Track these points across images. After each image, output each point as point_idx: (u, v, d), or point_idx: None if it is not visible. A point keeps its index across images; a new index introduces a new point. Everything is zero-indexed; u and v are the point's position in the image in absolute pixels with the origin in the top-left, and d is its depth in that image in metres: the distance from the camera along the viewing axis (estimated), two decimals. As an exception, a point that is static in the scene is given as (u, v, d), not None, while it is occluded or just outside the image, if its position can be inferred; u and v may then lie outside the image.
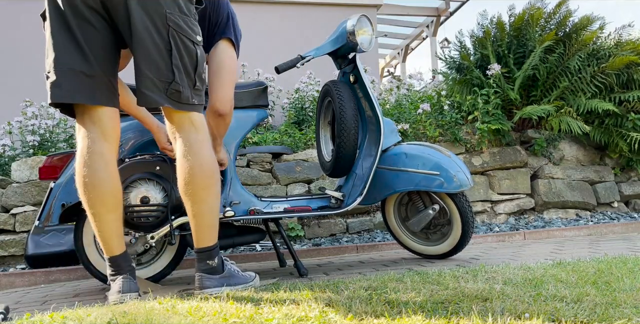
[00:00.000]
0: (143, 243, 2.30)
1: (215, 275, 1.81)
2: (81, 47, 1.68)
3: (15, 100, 4.56)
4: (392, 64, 12.31)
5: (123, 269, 1.79)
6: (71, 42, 1.68)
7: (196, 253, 1.83)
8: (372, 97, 2.54)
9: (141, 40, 1.66)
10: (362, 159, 2.56)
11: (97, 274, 2.34)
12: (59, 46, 1.67)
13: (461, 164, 2.53)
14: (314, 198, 2.58)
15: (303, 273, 2.36)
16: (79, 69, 1.67)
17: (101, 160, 1.72)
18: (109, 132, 1.75)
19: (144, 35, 1.66)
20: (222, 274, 1.83)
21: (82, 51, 1.68)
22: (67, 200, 2.26)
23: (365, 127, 2.61)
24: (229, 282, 1.83)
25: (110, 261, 1.79)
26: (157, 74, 1.67)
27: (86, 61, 1.68)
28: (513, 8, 4.49)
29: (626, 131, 4.19)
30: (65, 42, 1.67)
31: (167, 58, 1.68)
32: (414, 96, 5.15)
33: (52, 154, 2.43)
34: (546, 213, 4.25)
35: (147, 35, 1.66)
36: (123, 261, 1.80)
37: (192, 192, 1.74)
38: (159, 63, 1.67)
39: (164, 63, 1.68)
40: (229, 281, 1.83)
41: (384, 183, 2.53)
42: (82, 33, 1.68)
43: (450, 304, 1.37)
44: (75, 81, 1.67)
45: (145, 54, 1.66)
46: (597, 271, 1.80)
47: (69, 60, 1.67)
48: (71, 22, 1.67)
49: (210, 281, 1.80)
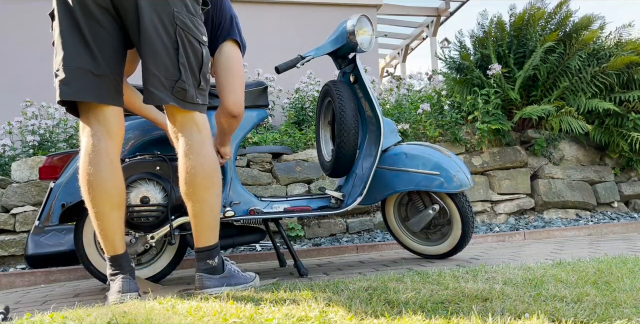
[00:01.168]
0: (143, 243, 2.30)
1: (216, 275, 1.81)
2: (90, 47, 1.69)
3: (15, 100, 4.56)
4: (392, 64, 12.31)
5: (123, 269, 1.78)
6: (80, 42, 1.68)
7: (196, 252, 1.82)
8: (372, 97, 2.54)
9: (149, 39, 1.68)
10: (362, 159, 2.56)
11: (97, 274, 2.34)
12: (68, 45, 1.68)
13: (461, 164, 2.53)
14: (314, 198, 2.58)
15: (303, 273, 2.36)
16: (87, 68, 1.68)
17: (106, 158, 1.72)
18: (114, 131, 1.75)
19: (152, 33, 1.67)
20: (223, 274, 1.83)
21: (91, 50, 1.69)
22: (67, 200, 2.26)
23: (365, 127, 2.61)
24: (229, 282, 1.83)
25: (111, 260, 1.79)
26: (164, 72, 1.69)
27: (94, 60, 1.69)
28: (514, 8, 4.49)
29: (626, 130, 4.19)
30: (75, 41, 1.68)
31: (174, 56, 1.70)
32: (414, 96, 5.15)
33: (52, 154, 2.43)
34: (546, 213, 4.25)
35: (155, 33, 1.68)
36: (124, 261, 1.79)
37: (192, 192, 1.74)
38: (166, 61, 1.69)
39: (170, 61, 1.70)
40: (229, 281, 1.83)
41: (384, 183, 2.53)
42: (91, 32, 1.69)
43: (450, 304, 1.37)
44: (83, 79, 1.68)
45: (152, 52, 1.68)
46: (597, 271, 1.80)
47: (77, 59, 1.68)
48: (81, 21, 1.68)
49: (211, 281, 1.80)
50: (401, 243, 2.79)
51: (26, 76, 5.29)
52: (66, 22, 1.69)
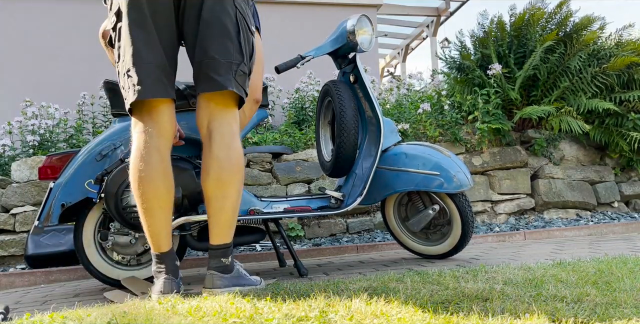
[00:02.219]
0: (143, 243, 2.30)
1: (227, 274, 1.78)
2: (155, 40, 1.68)
3: (15, 100, 4.57)
4: (392, 64, 12.31)
5: (167, 268, 1.76)
6: (148, 35, 1.68)
7: (211, 249, 1.79)
8: (372, 97, 2.54)
9: (210, 22, 1.68)
10: (362, 159, 2.56)
11: (96, 274, 2.34)
12: (139, 44, 1.67)
13: (461, 164, 2.53)
14: (314, 198, 2.58)
15: (303, 273, 2.36)
16: (155, 62, 1.68)
17: (157, 155, 1.71)
18: (167, 127, 1.74)
19: (214, 16, 1.68)
20: (232, 273, 1.80)
21: (157, 44, 1.69)
22: (67, 200, 2.25)
23: (365, 127, 2.61)
24: (239, 282, 1.79)
25: (157, 257, 1.77)
26: (227, 56, 1.68)
27: (160, 54, 1.69)
28: (514, 8, 4.48)
29: (626, 130, 4.19)
30: (143, 36, 1.67)
31: (236, 39, 1.71)
32: (414, 95, 5.15)
33: (51, 154, 2.43)
34: (546, 213, 4.24)
35: (218, 16, 1.68)
36: (168, 260, 1.77)
37: (218, 187, 1.72)
38: (228, 44, 1.69)
39: (232, 45, 1.70)
40: (238, 282, 1.79)
41: (384, 183, 2.53)
42: (156, 27, 1.69)
43: (451, 304, 1.37)
44: (153, 75, 1.68)
45: (214, 35, 1.68)
46: (597, 271, 1.80)
47: (146, 55, 1.67)
48: (149, 14, 1.68)
49: (222, 281, 1.75)
50: (401, 243, 2.78)
51: (26, 76, 5.29)
52: (135, 17, 1.67)
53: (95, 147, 2.30)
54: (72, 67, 5.34)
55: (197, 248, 2.37)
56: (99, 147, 2.30)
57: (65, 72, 5.30)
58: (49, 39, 5.42)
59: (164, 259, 1.77)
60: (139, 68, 1.67)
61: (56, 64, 5.38)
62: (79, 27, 5.38)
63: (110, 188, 2.15)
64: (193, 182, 2.24)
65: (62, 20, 5.46)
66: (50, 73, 5.35)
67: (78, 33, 5.34)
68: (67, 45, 5.43)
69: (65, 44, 5.43)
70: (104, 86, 2.37)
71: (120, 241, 2.30)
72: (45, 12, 5.43)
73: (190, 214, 2.28)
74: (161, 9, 1.70)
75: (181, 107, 2.30)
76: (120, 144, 2.30)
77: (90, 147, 2.31)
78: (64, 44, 5.43)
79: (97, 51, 5.81)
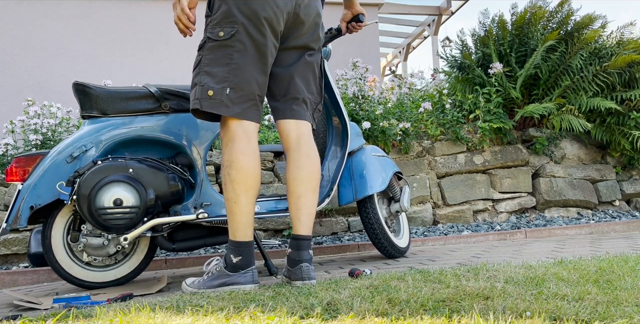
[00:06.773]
0: (115, 245, 2.27)
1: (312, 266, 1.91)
2: (265, 75, 1.92)
3: (17, 99, 4.57)
4: (394, 63, 12.29)
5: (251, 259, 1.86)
6: (262, 71, 1.89)
7: (303, 240, 1.91)
8: (339, 101, 2.58)
9: (307, 66, 2.01)
10: (329, 161, 2.63)
11: (66, 277, 2.30)
12: (250, 71, 1.86)
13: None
14: (282, 199, 2.57)
15: (274, 272, 2.34)
16: (259, 94, 1.90)
17: (255, 155, 1.95)
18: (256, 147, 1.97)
19: (309, 63, 2.01)
20: None
21: (265, 79, 1.92)
22: (36, 202, 2.19)
23: (332, 130, 2.69)
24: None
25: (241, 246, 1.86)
26: (312, 97, 2.04)
27: (264, 87, 1.93)
28: (515, 7, 4.48)
29: (628, 129, 4.19)
30: (258, 70, 1.88)
31: (319, 84, 2.09)
32: (415, 94, 5.13)
33: (20, 155, 2.34)
34: (547, 212, 4.25)
35: (311, 63, 2.02)
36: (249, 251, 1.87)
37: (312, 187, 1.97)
38: (314, 88, 2.05)
39: (316, 88, 2.07)
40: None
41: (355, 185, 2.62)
42: (270, 62, 1.92)
43: (452, 302, 1.38)
44: (250, 102, 1.88)
45: (307, 79, 2.02)
46: (598, 269, 1.80)
47: (254, 88, 1.88)
48: (269, 52, 1.89)
49: (314, 273, 1.88)
50: None
51: (28, 75, 5.30)
52: (256, 49, 1.86)
53: (65, 149, 2.26)
54: (75, 66, 5.35)
55: (168, 248, 2.36)
56: (69, 149, 2.26)
57: (67, 71, 5.30)
58: (52, 38, 5.42)
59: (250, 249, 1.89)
60: (238, 91, 1.86)
61: (59, 63, 5.39)
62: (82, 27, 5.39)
63: (83, 190, 2.13)
64: (166, 184, 2.25)
65: (65, 20, 5.47)
66: (53, 72, 5.36)
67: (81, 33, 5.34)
68: (70, 44, 5.43)
69: (68, 43, 5.44)
70: (74, 87, 2.32)
71: (92, 243, 2.25)
72: (49, 12, 5.44)
73: (162, 215, 2.29)
74: (274, 43, 1.91)
75: (154, 110, 2.34)
76: (92, 146, 2.27)
77: (60, 148, 2.27)
78: (67, 44, 5.43)
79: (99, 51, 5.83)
